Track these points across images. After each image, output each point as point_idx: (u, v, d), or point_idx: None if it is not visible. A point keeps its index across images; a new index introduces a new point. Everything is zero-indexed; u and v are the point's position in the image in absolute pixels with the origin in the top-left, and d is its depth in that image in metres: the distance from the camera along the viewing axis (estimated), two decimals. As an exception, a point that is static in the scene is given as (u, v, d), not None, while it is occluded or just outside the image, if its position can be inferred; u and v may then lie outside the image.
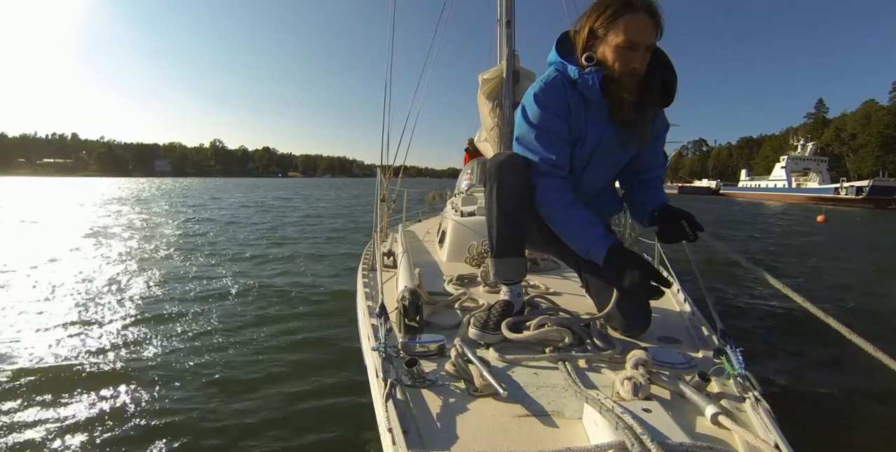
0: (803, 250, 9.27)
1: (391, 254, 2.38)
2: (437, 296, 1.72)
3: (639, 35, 1.26)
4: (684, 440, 0.78)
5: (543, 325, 1.26)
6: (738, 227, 13.90)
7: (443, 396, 0.99)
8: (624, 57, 1.29)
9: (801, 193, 36.49)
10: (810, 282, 5.98)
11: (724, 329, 1.24)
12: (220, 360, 2.93)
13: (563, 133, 1.38)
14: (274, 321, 3.75)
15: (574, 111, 1.38)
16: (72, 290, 4.71)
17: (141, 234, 9.43)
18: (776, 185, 41.76)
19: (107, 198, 24.64)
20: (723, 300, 4.48)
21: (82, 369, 2.77)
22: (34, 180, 74.27)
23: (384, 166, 2.79)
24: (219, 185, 52.23)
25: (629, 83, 1.33)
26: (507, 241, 1.39)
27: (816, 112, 65.34)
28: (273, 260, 6.62)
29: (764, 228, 14.12)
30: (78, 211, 16.13)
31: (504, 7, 2.86)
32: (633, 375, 0.99)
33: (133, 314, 3.92)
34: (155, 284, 5.02)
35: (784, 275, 6.37)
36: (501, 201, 1.35)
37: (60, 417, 2.24)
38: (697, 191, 51.96)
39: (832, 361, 3.10)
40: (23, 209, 16.09)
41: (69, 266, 6.03)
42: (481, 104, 2.74)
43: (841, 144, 53.34)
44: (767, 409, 0.95)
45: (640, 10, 1.26)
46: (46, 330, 3.44)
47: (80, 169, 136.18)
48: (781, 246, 9.85)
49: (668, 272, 2.13)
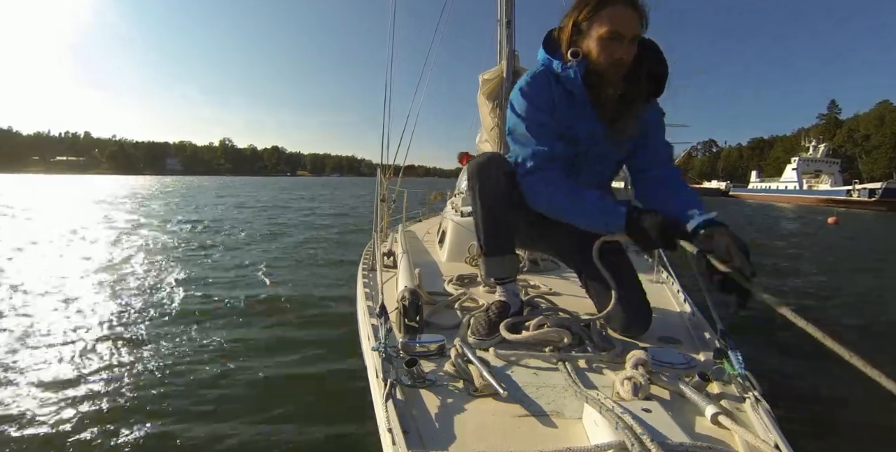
0: (813, 252, 9.13)
1: (391, 254, 2.39)
2: (437, 296, 1.72)
3: (622, 25, 1.27)
4: (684, 440, 0.78)
5: (543, 326, 1.26)
6: (746, 229, 13.76)
7: (443, 396, 0.99)
8: (608, 48, 1.29)
9: (813, 195, 35.99)
10: (817, 286, 5.86)
11: (724, 329, 1.24)
12: (217, 360, 2.91)
13: (550, 125, 1.37)
14: (273, 321, 3.74)
15: (559, 105, 1.37)
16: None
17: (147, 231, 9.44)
18: (787, 187, 41.17)
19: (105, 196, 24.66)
20: (723, 300, 4.41)
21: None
22: (46, 178, 74.98)
23: (384, 165, 2.80)
24: (222, 184, 51.79)
25: (614, 75, 1.32)
26: (495, 239, 1.40)
27: (829, 113, 64.52)
28: (273, 259, 6.60)
29: (772, 229, 13.96)
30: (70, 209, 16.15)
31: (504, 7, 2.87)
32: (633, 375, 0.99)
33: (122, 308, 3.95)
34: (153, 279, 5.06)
35: (792, 278, 6.30)
36: (484, 200, 1.36)
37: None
38: (706, 192, 51.31)
39: (832, 361, 3.09)
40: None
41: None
42: (481, 104, 2.75)
43: (854, 145, 52.69)
44: (767, 409, 0.94)
45: (621, 1, 1.27)
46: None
47: (92, 167, 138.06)
48: (791, 247, 9.71)
49: (667, 272, 2.12)
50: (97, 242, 8.23)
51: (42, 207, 16.67)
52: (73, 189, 35.03)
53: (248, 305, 4.20)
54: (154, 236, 9.01)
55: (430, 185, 7.02)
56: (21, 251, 7.12)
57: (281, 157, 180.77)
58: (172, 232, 9.84)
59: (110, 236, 8.94)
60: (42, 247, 7.50)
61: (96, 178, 74.08)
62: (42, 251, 7.19)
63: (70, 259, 6.44)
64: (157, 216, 13.71)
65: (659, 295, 1.87)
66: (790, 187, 40.50)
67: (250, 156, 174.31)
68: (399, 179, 3.10)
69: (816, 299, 5.13)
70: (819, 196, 34.91)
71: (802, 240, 11.21)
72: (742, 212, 22.31)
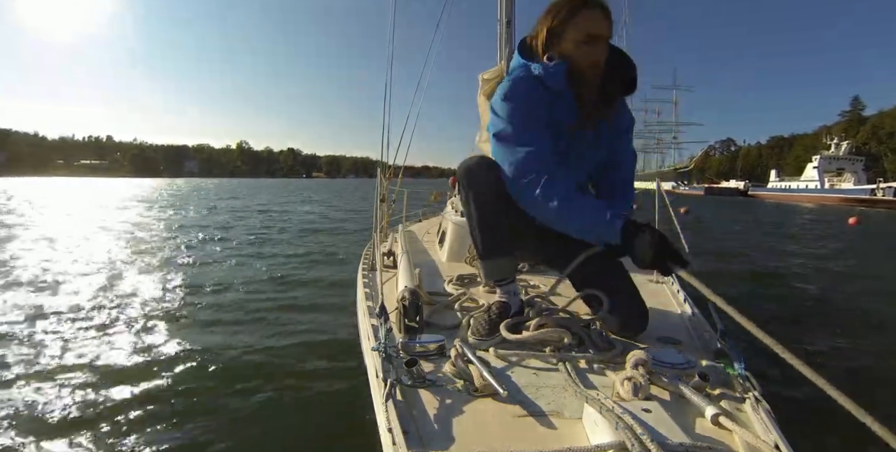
0: (827, 254, 8.80)
1: (391, 254, 2.39)
2: (437, 296, 1.72)
3: (597, 28, 1.35)
4: (684, 440, 0.78)
5: (543, 326, 1.26)
6: (757, 229, 13.47)
7: (443, 396, 0.99)
8: (585, 51, 1.36)
9: (835, 194, 35.05)
10: (833, 291, 5.53)
11: (724, 329, 1.24)
12: (216, 359, 2.91)
13: (536, 126, 1.36)
14: (273, 320, 3.74)
15: (543, 106, 1.39)
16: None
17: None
18: (807, 186, 40.26)
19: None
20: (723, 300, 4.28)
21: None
22: (69, 181, 76.40)
23: (384, 166, 2.81)
24: (229, 187, 51.74)
25: (593, 76, 1.39)
26: (490, 242, 1.41)
27: (852, 109, 63.02)
28: (273, 259, 6.63)
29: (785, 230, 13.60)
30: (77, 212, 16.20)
31: (504, 7, 2.87)
32: (633, 375, 0.99)
33: (115, 304, 4.00)
34: (144, 280, 5.10)
35: (805, 281, 6.04)
36: (477, 204, 1.38)
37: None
38: (724, 192, 50.37)
39: (832, 361, 3.02)
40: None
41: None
42: (481, 104, 2.73)
43: (878, 143, 51.34)
44: (767, 409, 0.94)
45: (594, 7, 1.35)
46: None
47: (114, 170, 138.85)
48: (806, 248, 9.45)
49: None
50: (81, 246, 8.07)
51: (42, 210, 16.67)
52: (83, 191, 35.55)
53: (248, 305, 4.19)
54: (146, 238, 9.02)
55: (443, 186, 6.93)
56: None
57: (297, 159, 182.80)
58: (166, 235, 9.76)
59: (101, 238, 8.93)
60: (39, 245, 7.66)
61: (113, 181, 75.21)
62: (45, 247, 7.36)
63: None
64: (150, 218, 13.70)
65: (658, 295, 1.85)
66: (811, 186, 39.53)
67: (266, 158, 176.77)
68: (399, 179, 3.12)
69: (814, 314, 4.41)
70: (841, 195, 34.05)
71: (816, 242, 10.79)
72: (754, 211, 21.73)
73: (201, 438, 2.08)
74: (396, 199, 3.21)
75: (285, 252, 7.49)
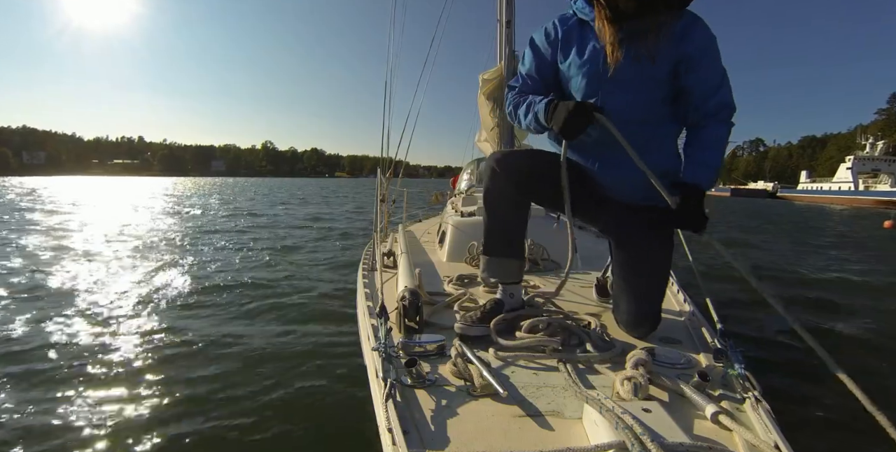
0: (860, 257, 8.42)
1: (391, 255, 2.39)
2: (437, 296, 1.72)
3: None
4: (684, 440, 0.78)
5: (536, 326, 1.27)
6: (783, 230, 13.03)
7: (443, 396, 0.99)
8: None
9: (869, 196, 33.48)
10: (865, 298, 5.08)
11: (724, 329, 1.24)
12: (216, 359, 2.89)
13: (536, 58, 1.44)
14: (273, 320, 3.73)
15: (570, 39, 1.38)
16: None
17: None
18: (840, 188, 38.48)
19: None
20: (723, 300, 4.22)
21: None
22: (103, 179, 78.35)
23: (384, 166, 2.81)
24: (246, 185, 51.05)
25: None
26: (496, 240, 1.42)
27: (889, 107, 60.60)
28: (272, 259, 6.57)
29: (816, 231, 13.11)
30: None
31: (504, 7, 2.87)
32: (633, 375, 0.99)
33: (111, 298, 4.01)
34: (144, 275, 5.11)
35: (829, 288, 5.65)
36: (490, 200, 1.40)
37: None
38: (752, 193, 48.65)
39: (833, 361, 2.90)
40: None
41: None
42: (481, 104, 2.73)
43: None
44: (767, 409, 0.94)
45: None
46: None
47: (145, 169, 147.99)
48: (834, 249, 9.07)
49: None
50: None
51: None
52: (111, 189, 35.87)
53: (248, 305, 4.16)
54: (150, 233, 8.99)
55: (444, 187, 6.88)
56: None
57: (320, 159, 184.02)
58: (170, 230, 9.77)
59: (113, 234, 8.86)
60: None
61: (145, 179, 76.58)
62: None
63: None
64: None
65: None
66: (844, 188, 37.75)
67: (290, 158, 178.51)
68: (399, 179, 3.11)
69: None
70: (877, 197, 32.66)
71: (846, 243, 10.19)
72: (779, 213, 20.90)
73: (201, 438, 2.07)
74: (397, 199, 3.20)
75: (288, 249, 7.44)
